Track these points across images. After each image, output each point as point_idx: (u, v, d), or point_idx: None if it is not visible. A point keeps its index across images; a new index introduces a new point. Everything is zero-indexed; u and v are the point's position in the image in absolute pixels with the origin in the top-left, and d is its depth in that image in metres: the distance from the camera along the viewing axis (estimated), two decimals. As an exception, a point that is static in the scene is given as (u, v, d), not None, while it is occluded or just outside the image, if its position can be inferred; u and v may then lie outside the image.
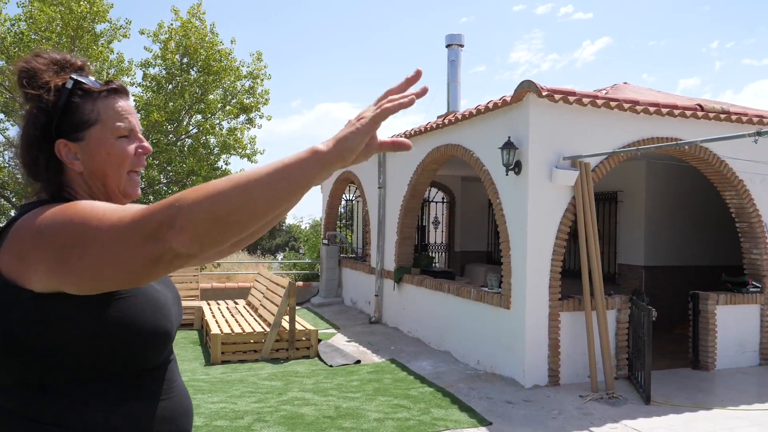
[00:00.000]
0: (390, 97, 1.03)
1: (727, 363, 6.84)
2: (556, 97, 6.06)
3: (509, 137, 6.21)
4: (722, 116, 6.85)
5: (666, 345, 7.73)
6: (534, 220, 6.09)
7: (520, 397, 5.59)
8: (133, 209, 0.97)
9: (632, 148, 6.27)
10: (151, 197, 21.37)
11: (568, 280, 6.99)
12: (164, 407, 1.19)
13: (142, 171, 1.29)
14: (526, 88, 6.07)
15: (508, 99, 6.29)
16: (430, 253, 12.79)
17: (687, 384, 6.20)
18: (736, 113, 7.02)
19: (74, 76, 1.21)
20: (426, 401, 5.46)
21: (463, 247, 13.20)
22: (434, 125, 8.01)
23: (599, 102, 6.24)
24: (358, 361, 6.98)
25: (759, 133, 4.27)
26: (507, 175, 6.28)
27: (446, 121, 7.70)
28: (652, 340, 5.57)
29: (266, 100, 21.30)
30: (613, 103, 6.34)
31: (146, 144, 1.26)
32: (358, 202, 13.77)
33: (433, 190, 13.39)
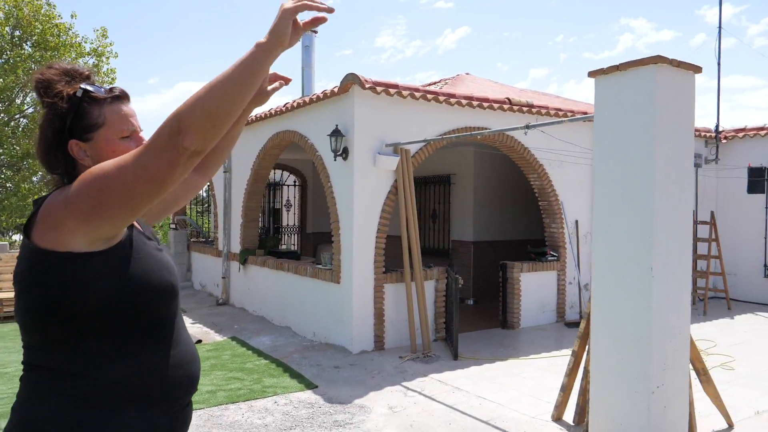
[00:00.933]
0: None
1: (530, 322, 7.95)
2: (378, 89, 6.63)
3: (337, 125, 6.70)
4: (525, 109, 7.86)
5: (487, 311, 8.78)
6: (359, 201, 6.66)
7: (347, 362, 6.17)
8: (137, 147, 1.24)
9: (443, 137, 7.03)
10: (-21, 183, 19.51)
11: (395, 255, 7.70)
12: (175, 355, 1.40)
13: None
14: (351, 80, 6.58)
15: (336, 90, 6.78)
16: (283, 235, 13.12)
17: (494, 341, 7.16)
18: (538, 106, 8.07)
19: (83, 86, 1.41)
20: (260, 372, 5.85)
21: (315, 229, 13.67)
22: (275, 111, 8.32)
23: (417, 95, 6.92)
24: (199, 341, 7.20)
25: (528, 126, 5.11)
26: (335, 160, 6.79)
27: (285, 107, 8.05)
28: (459, 304, 6.39)
29: (112, 79, 20.21)
30: (430, 96, 7.05)
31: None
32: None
33: (285, 174, 13.70)
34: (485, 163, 10.35)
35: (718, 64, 10.09)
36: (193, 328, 7.93)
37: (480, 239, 10.40)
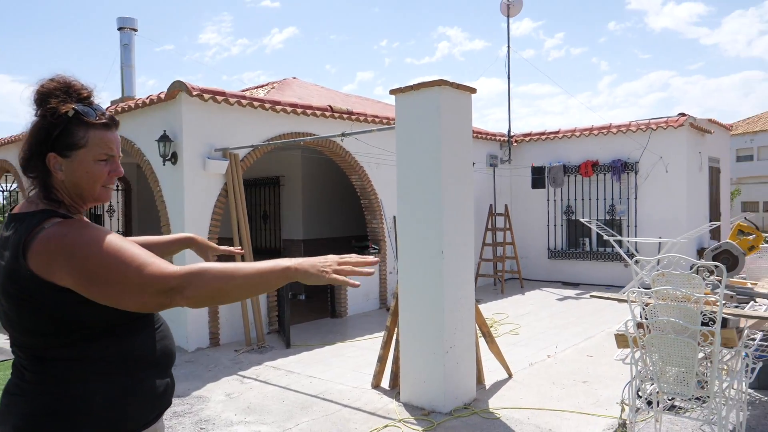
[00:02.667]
0: (348, 266, 1.54)
1: (356, 310, 8.75)
2: (206, 96, 6.92)
3: (165, 131, 6.87)
4: (345, 116, 8.62)
5: (318, 303, 9.40)
6: (190, 204, 6.90)
7: (182, 360, 6.40)
8: (152, 264, 1.39)
9: (269, 142, 7.51)
10: None
11: (257, 256, 8.02)
12: (159, 332, 1.65)
13: (112, 185, 1.66)
14: (178, 87, 6.79)
15: (163, 96, 6.93)
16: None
17: (323, 329, 7.81)
18: (357, 113, 8.88)
19: (76, 107, 1.52)
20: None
21: (140, 234, 13.28)
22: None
23: (244, 102, 7.32)
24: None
25: (344, 134, 5.81)
26: (164, 165, 6.94)
27: (118, 108, 7.94)
28: (289, 297, 6.92)
29: None
30: (256, 103, 7.49)
31: (120, 169, 1.61)
32: (17, 192, 12.68)
33: (107, 179, 13.14)
34: (312, 165, 10.98)
35: (508, 77, 11.78)
36: (10, 343, 7.51)
37: (309, 237, 11.01)
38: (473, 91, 5.07)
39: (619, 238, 10.06)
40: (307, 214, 10.98)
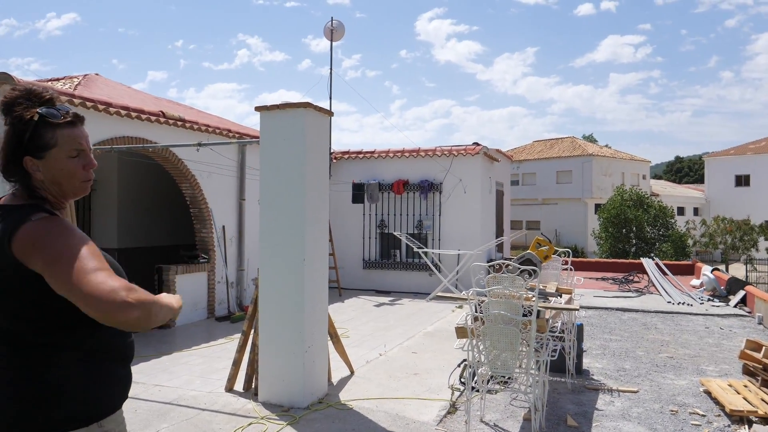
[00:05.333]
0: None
1: (185, 320, 8.65)
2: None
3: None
4: (179, 123, 8.53)
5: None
6: (11, 207, 6.32)
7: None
8: (100, 276, 1.44)
9: (108, 147, 7.20)
10: None
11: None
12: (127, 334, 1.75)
13: (89, 179, 1.73)
14: (2, 80, 6.23)
15: (-21, 87, 6.28)
16: None
17: (154, 340, 7.63)
18: (189, 121, 8.83)
19: (40, 111, 1.60)
20: None
21: None
22: None
23: (76, 101, 6.93)
24: None
25: (200, 144, 5.93)
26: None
27: None
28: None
29: None
30: (88, 103, 7.13)
31: (93, 161, 1.71)
32: None
33: None
34: (129, 170, 10.50)
35: (330, 97, 12.55)
36: None
37: (125, 245, 10.49)
38: (331, 114, 5.62)
39: (425, 249, 11.35)
40: (124, 222, 10.45)
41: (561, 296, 5.52)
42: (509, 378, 4.50)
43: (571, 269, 6.44)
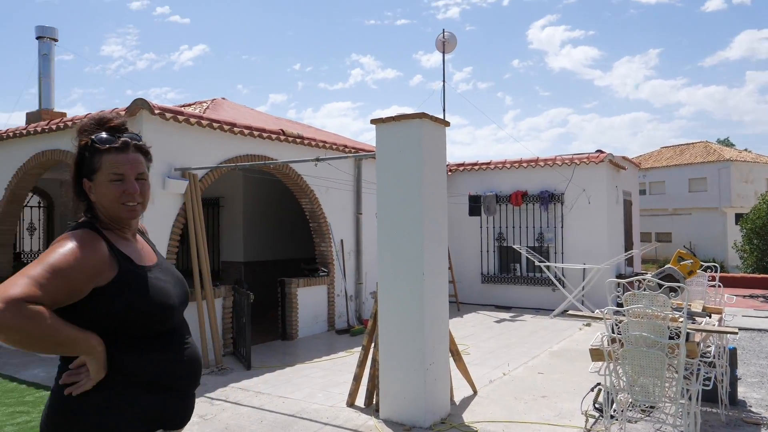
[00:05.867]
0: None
1: (306, 332, 8.81)
2: (167, 115, 6.87)
3: (124, 148, 6.72)
4: (298, 140, 8.77)
5: (263, 325, 9.35)
6: (150, 224, 6.75)
7: (141, 383, 6.21)
8: (17, 279, 1.51)
9: (232, 164, 7.53)
10: None
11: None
12: (176, 354, 1.80)
13: (133, 203, 1.80)
14: (140, 105, 6.71)
15: (123, 113, 6.80)
16: (25, 261, 11.84)
17: (278, 351, 7.82)
18: (307, 138, 9.05)
19: (93, 137, 1.78)
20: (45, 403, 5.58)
21: (64, 254, 12.60)
22: (39, 129, 7.82)
23: (204, 123, 7.32)
24: (-47, 382, 6.42)
25: (318, 159, 6.00)
26: (123, 183, 6.78)
27: (53, 126, 7.64)
28: (251, 320, 6.92)
29: None
30: (215, 124, 7.50)
31: (132, 186, 1.78)
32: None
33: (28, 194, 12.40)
34: (253, 186, 10.98)
35: (443, 110, 12.41)
36: (-66, 369, 6.94)
37: (251, 259, 10.95)
38: (447, 124, 5.45)
39: (547, 263, 10.80)
40: (249, 236, 10.93)
41: (710, 316, 4.93)
42: (651, 406, 4.04)
43: (719, 286, 5.76)
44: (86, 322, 1.64)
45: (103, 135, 1.81)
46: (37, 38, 12.04)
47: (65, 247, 1.65)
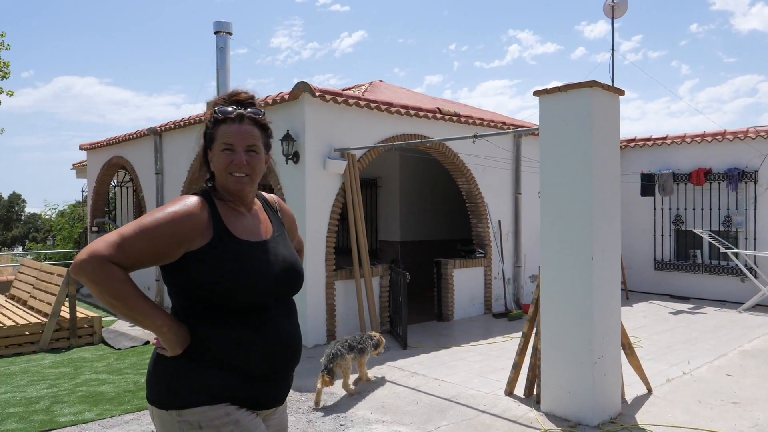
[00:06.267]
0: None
1: (462, 314, 8.64)
2: (327, 97, 7.02)
3: (288, 130, 7.01)
4: (454, 119, 8.54)
5: (418, 305, 9.35)
6: (311, 203, 7.00)
7: (304, 356, 6.47)
8: (106, 236, 1.62)
9: (389, 144, 7.52)
10: None
11: (339, 255, 8.08)
12: (265, 335, 1.74)
13: (240, 174, 1.79)
14: (302, 88, 6.92)
15: (286, 96, 7.08)
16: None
17: (434, 332, 7.75)
18: (464, 116, 8.78)
19: (216, 108, 1.83)
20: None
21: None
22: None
23: (362, 103, 7.37)
24: (147, 342, 7.21)
25: (476, 136, 5.73)
26: (287, 164, 7.08)
27: (227, 111, 8.19)
28: (407, 299, 6.91)
29: (6, 73, 18.87)
30: (372, 104, 7.53)
31: (239, 157, 1.77)
32: (126, 187, 13.33)
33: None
34: (410, 166, 10.97)
35: (612, 81, 11.39)
36: (134, 330, 7.86)
37: (407, 239, 11.00)
38: (621, 93, 4.89)
39: (736, 250, 9.51)
40: (405, 216, 10.98)
41: None
42: None
43: None
44: (177, 287, 1.73)
45: (224, 107, 1.83)
46: (215, 33, 13.05)
47: (164, 210, 1.68)
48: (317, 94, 6.88)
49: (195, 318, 1.71)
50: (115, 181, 13.43)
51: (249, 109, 1.84)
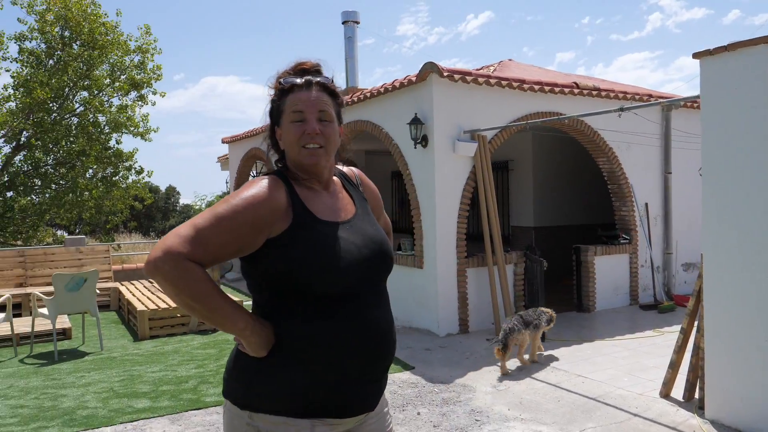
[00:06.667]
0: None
1: (605, 305, 8.01)
2: (456, 77, 6.73)
3: (416, 113, 6.83)
4: (594, 93, 7.88)
5: (555, 294, 8.82)
6: (441, 187, 6.79)
7: (436, 345, 6.33)
8: (179, 229, 1.45)
9: (522, 122, 7.08)
10: (37, 180, 20.18)
11: (469, 241, 7.80)
12: (356, 326, 1.53)
13: (314, 145, 1.57)
14: (429, 69, 6.69)
15: (413, 79, 6.90)
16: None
17: (574, 324, 7.25)
18: (605, 90, 8.08)
19: (281, 80, 1.62)
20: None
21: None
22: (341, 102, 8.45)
23: (492, 81, 7.00)
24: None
25: (622, 109, 5.17)
26: (415, 148, 6.92)
27: (355, 98, 8.20)
28: (544, 289, 6.49)
29: (158, 75, 20.52)
30: (504, 82, 7.13)
31: (311, 126, 1.56)
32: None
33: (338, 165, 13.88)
34: (544, 147, 10.37)
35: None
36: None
37: (541, 224, 10.45)
38: (808, 48, 4.11)
39: None
40: (539, 200, 10.41)
41: None
42: None
43: None
44: (259, 279, 1.56)
45: (290, 76, 1.64)
46: (343, 23, 13.22)
47: (239, 196, 1.50)
48: (445, 74, 6.63)
49: (279, 313, 1.53)
50: (254, 172, 14.15)
51: (321, 78, 1.64)
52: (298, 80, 1.60)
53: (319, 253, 1.51)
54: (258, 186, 1.53)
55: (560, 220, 10.53)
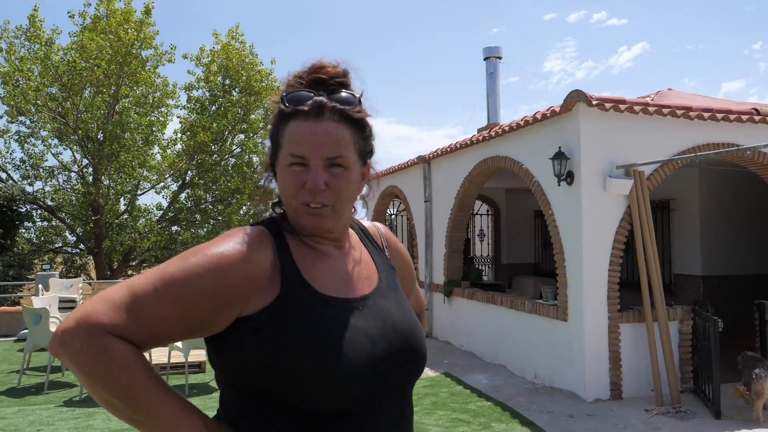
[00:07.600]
0: None
1: (797, 374, 6.56)
2: (607, 105, 5.99)
3: (560, 147, 6.16)
4: (780, 119, 6.65)
5: (729, 358, 7.44)
6: (589, 230, 6.00)
7: (582, 411, 5.48)
8: (104, 293, 0.98)
9: (690, 155, 6.11)
10: (198, 216, 21.87)
11: (623, 291, 6.83)
12: None
13: (316, 205, 1.09)
14: (575, 98, 6.02)
15: (557, 109, 6.25)
16: (477, 266, 12.71)
17: (756, 397, 5.97)
18: (796, 115, 6.80)
19: (283, 95, 1.11)
20: (485, 415, 5.41)
21: (509, 260, 13.06)
22: (480, 137, 8.00)
23: (651, 109, 6.14)
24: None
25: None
26: (559, 185, 6.22)
27: (492, 133, 7.69)
28: (719, 353, 5.41)
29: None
30: (665, 110, 6.24)
31: (314, 178, 1.07)
32: (402, 216, 13.82)
33: (477, 203, 13.34)
34: (713, 184, 9.03)
35: None
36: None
37: (710, 273, 9.04)
38: None
39: None
40: (708, 245, 9.04)
41: None
42: None
43: None
44: (225, 372, 1.08)
45: (295, 91, 1.11)
46: (485, 59, 12.88)
47: (204, 251, 1.02)
48: (594, 102, 5.91)
49: (251, 422, 1.04)
50: (392, 210, 14.05)
51: (334, 95, 1.11)
52: (305, 106, 1.09)
53: (312, 348, 1.01)
54: (232, 241, 1.05)
55: (734, 268, 9.05)
